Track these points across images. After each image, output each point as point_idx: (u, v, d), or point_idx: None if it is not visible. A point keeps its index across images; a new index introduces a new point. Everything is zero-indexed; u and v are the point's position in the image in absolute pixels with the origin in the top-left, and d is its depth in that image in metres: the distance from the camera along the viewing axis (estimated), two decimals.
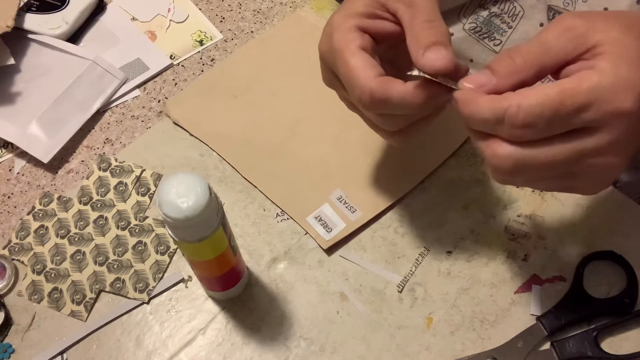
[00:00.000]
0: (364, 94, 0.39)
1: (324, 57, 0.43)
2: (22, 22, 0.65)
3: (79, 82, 0.62)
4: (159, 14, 0.69)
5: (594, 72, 0.33)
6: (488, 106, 0.35)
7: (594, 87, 0.33)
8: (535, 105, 0.34)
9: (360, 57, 0.40)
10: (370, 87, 0.39)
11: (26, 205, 0.57)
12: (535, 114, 0.34)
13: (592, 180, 0.38)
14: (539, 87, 0.34)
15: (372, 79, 0.39)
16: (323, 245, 0.53)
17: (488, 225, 0.54)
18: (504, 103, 0.34)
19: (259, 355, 0.49)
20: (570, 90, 0.33)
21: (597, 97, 0.33)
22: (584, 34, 0.35)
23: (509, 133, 0.35)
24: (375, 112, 0.41)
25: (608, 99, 0.33)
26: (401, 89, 0.38)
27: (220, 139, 0.59)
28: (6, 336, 0.50)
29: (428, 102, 0.38)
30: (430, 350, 0.48)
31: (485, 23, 0.58)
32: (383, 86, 0.39)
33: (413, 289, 0.51)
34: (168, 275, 0.52)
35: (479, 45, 0.60)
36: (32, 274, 0.53)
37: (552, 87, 0.34)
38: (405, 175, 0.56)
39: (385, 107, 0.39)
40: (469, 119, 0.36)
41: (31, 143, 0.59)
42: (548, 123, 0.34)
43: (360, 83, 0.39)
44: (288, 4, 0.69)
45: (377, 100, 0.39)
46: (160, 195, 0.37)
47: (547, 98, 0.34)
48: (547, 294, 0.50)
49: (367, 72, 0.39)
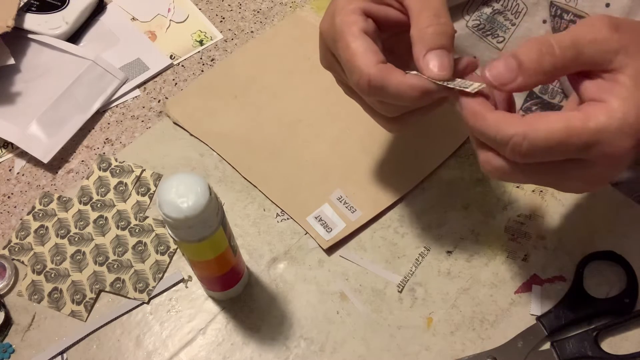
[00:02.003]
0: (362, 79, 0.39)
1: (324, 36, 0.43)
2: (22, 22, 0.65)
3: (79, 82, 0.62)
4: (159, 14, 0.69)
5: (604, 110, 0.33)
6: (495, 127, 0.35)
7: (601, 130, 0.33)
8: (541, 139, 0.34)
9: (362, 41, 0.39)
10: (369, 73, 0.38)
11: (26, 205, 0.57)
12: (539, 147, 0.34)
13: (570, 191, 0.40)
14: (545, 117, 0.34)
15: (372, 65, 0.38)
16: (323, 245, 0.53)
17: (488, 225, 0.54)
18: (510, 129, 0.34)
19: (259, 355, 0.49)
20: (577, 128, 0.33)
21: (600, 139, 0.33)
22: (615, 51, 0.34)
23: (509, 156, 0.35)
24: (371, 98, 0.41)
25: (611, 142, 0.33)
26: (400, 79, 0.38)
27: (220, 139, 0.59)
28: (6, 336, 0.50)
29: (424, 97, 0.38)
30: (430, 350, 0.48)
31: (488, 20, 0.58)
32: (382, 74, 0.38)
33: (413, 289, 0.51)
34: (168, 275, 0.52)
35: (482, 42, 0.60)
36: (32, 274, 0.53)
37: (559, 122, 0.34)
38: (405, 175, 0.56)
39: (381, 95, 0.39)
40: (474, 130, 0.37)
41: (31, 143, 0.59)
42: (548, 155, 0.35)
43: (360, 68, 0.39)
44: (288, 4, 0.69)
45: (374, 87, 0.38)
46: (160, 195, 0.37)
47: (553, 133, 0.34)
48: (547, 294, 0.50)
49: (367, 57, 0.39)
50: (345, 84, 0.45)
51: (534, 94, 0.59)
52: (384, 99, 0.40)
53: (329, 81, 0.61)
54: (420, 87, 0.38)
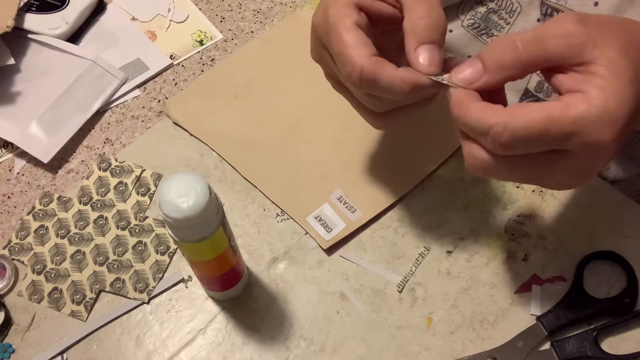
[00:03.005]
0: (354, 71, 0.39)
1: (316, 29, 0.43)
2: (22, 22, 0.65)
3: (79, 82, 0.62)
4: (159, 14, 0.69)
5: (583, 101, 0.34)
6: (476, 116, 0.36)
7: (580, 119, 0.33)
8: (520, 128, 0.34)
9: (354, 34, 0.39)
10: (362, 64, 0.38)
11: (26, 205, 0.57)
12: (519, 136, 0.34)
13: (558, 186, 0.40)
14: (526, 107, 0.34)
15: (364, 57, 0.38)
16: (323, 245, 0.53)
17: (488, 225, 0.54)
18: (490, 118, 0.35)
19: (259, 355, 0.49)
20: (556, 117, 0.34)
21: (581, 128, 0.33)
22: (583, 44, 0.35)
23: (490, 146, 0.36)
24: (362, 92, 0.41)
25: (591, 131, 0.33)
26: (392, 73, 0.38)
27: (220, 139, 0.59)
28: (6, 336, 0.50)
29: (415, 91, 0.38)
30: (430, 350, 0.48)
31: (483, 19, 0.58)
32: (374, 66, 0.38)
33: (413, 289, 0.51)
34: (168, 275, 0.52)
35: (477, 41, 0.60)
36: (32, 274, 0.53)
37: (539, 111, 0.34)
38: (405, 175, 0.56)
39: (373, 88, 0.39)
40: (457, 121, 0.37)
41: (31, 143, 0.59)
42: (529, 145, 0.35)
43: (352, 60, 0.39)
44: (288, 4, 0.69)
45: (365, 80, 0.39)
46: (160, 195, 0.38)
47: (533, 122, 0.34)
48: (547, 294, 0.50)
49: (360, 50, 0.39)
50: (334, 77, 0.45)
51: (529, 92, 0.59)
52: (375, 93, 0.40)
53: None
54: (411, 81, 0.38)
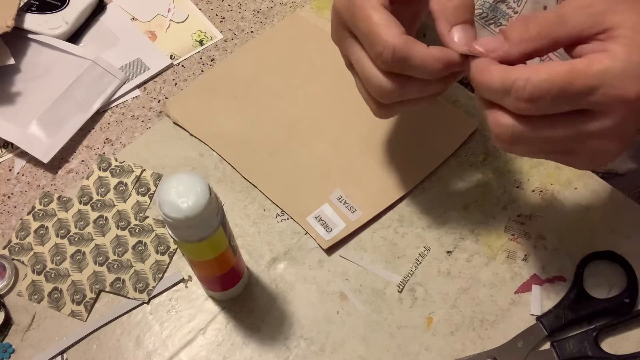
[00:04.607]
0: (386, 50, 0.39)
1: (340, 11, 0.43)
2: (22, 22, 0.65)
3: (79, 82, 0.62)
4: (159, 14, 0.69)
5: (606, 55, 0.33)
6: (498, 76, 0.35)
7: (604, 71, 0.33)
8: (543, 81, 0.34)
9: (382, 13, 0.40)
10: (394, 43, 0.39)
11: (26, 205, 0.57)
12: (543, 89, 0.34)
13: (589, 158, 0.39)
14: (550, 63, 0.34)
15: (396, 36, 0.39)
16: (323, 245, 0.53)
17: (488, 225, 0.54)
18: (512, 74, 0.35)
19: (259, 355, 0.49)
20: (580, 70, 0.33)
21: (605, 81, 0.33)
22: (603, 12, 0.35)
23: (514, 105, 0.35)
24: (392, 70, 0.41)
25: (616, 84, 0.33)
26: (425, 51, 0.39)
27: (220, 139, 0.59)
28: (6, 336, 0.50)
29: (446, 69, 0.39)
30: (430, 350, 0.48)
31: (491, 9, 0.58)
32: (407, 45, 0.39)
33: (413, 289, 0.51)
34: (168, 275, 0.52)
35: (485, 31, 0.60)
36: (32, 274, 0.53)
37: (562, 66, 0.34)
38: (405, 175, 0.56)
39: (404, 66, 0.39)
40: (480, 86, 0.37)
41: (31, 143, 0.59)
42: (553, 101, 0.34)
43: (384, 39, 0.39)
44: (288, 4, 0.69)
45: (398, 58, 0.39)
46: (160, 195, 0.38)
47: (556, 75, 0.34)
48: (547, 294, 0.50)
49: (391, 29, 0.39)
50: (348, 58, 0.45)
51: None
52: (405, 71, 0.40)
53: (330, 81, 0.61)
54: (444, 58, 0.38)
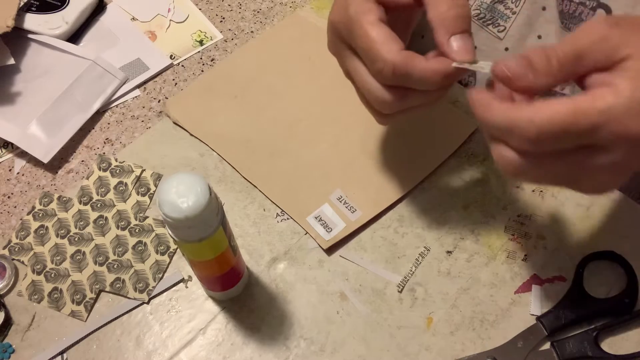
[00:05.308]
0: (386, 67, 0.39)
1: (336, 25, 0.43)
2: (22, 22, 0.65)
3: (79, 82, 0.62)
4: (159, 14, 0.69)
5: (611, 92, 0.33)
6: (501, 115, 0.35)
7: (608, 109, 0.33)
8: (546, 122, 0.33)
9: (380, 29, 0.40)
10: (394, 61, 0.39)
11: (26, 205, 0.57)
12: (546, 131, 0.34)
13: (592, 188, 0.38)
14: (552, 101, 0.34)
15: (395, 53, 0.39)
16: (323, 245, 0.53)
17: (488, 225, 0.54)
18: (515, 114, 0.34)
19: (259, 355, 0.49)
20: (583, 109, 0.33)
21: (609, 119, 0.33)
22: (617, 45, 0.34)
23: (518, 144, 0.35)
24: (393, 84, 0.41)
25: (619, 122, 0.33)
26: (423, 65, 0.39)
27: (220, 139, 0.59)
28: (6, 336, 0.50)
29: (446, 80, 0.39)
30: (430, 350, 0.48)
31: (488, 10, 0.58)
32: (406, 61, 0.39)
33: (413, 289, 0.51)
34: (168, 275, 0.52)
35: (483, 32, 0.60)
36: (32, 274, 0.53)
37: (566, 104, 0.33)
38: (405, 175, 0.56)
39: (405, 81, 0.40)
40: (482, 122, 0.37)
41: (31, 143, 0.59)
42: (557, 140, 0.34)
43: (383, 56, 0.39)
44: (288, 4, 0.69)
45: (399, 75, 0.39)
46: (160, 195, 0.37)
47: (559, 115, 0.33)
48: (547, 294, 0.50)
49: (389, 45, 0.39)
50: (347, 68, 0.45)
51: None
52: (407, 85, 0.40)
53: (329, 81, 0.61)
54: (443, 71, 0.39)
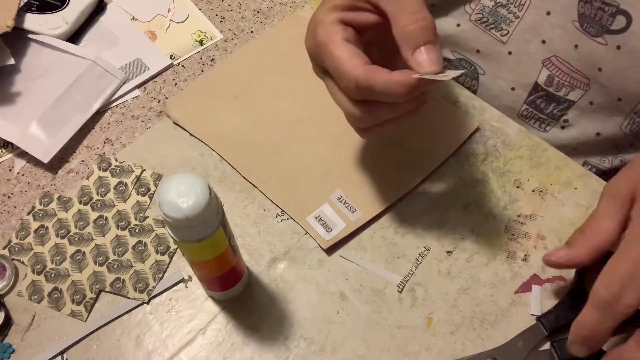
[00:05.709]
0: (350, 82, 0.40)
1: (310, 52, 0.45)
2: (22, 22, 0.65)
3: (79, 82, 0.62)
4: (159, 14, 0.69)
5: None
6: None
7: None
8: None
9: (344, 48, 0.41)
10: (356, 75, 0.40)
11: (26, 205, 0.57)
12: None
13: None
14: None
15: (358, 67, 0.40)
16: (323, 245, 0.53)
17: (488, 225, 0.54)
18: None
19: (259, 355, 0.49)
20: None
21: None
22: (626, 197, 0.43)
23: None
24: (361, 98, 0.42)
25: None
26: (385, 77, 0.39)
27: (220, 139, 0.59)
28: (6, 336, 0.50)
29: (411, 92, 0.39)
30: (430, 350, 0.48)
31: (491, 13, 0.58)
32: (368, 75, 0.40)
33: (413, 289, 0.51)
34: (168, 275, 0.52)
35: (486, 35, 0.60)
36: (32, 274, 0.53)
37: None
38: (405, 176, 0.56)
39: (370, 94, 0.41)
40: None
41: (31, 143, 0.59)
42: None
43: (346, 72, 0.40)
44: (288, 4, 0.69)
45: (362, 88, 0.40)
46: (160, 195, 0.37)
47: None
48: (547, 294, 0.50)
49: (352, 61, 0.40)
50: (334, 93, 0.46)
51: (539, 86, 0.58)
52: (374, 98, 0.41)
53: None
54: (404, 82, 0.39)
